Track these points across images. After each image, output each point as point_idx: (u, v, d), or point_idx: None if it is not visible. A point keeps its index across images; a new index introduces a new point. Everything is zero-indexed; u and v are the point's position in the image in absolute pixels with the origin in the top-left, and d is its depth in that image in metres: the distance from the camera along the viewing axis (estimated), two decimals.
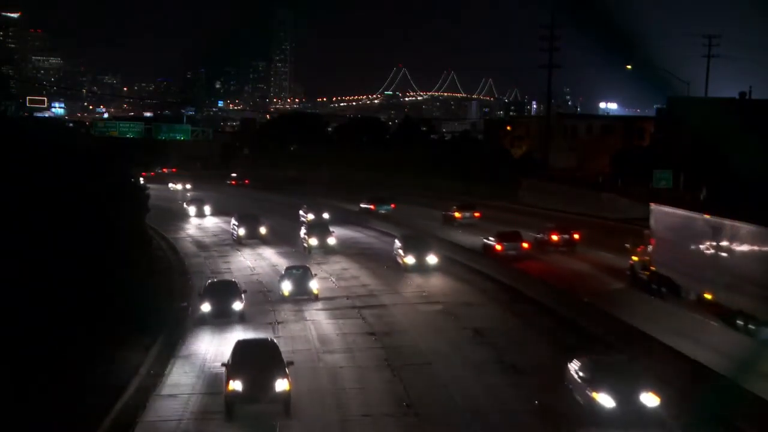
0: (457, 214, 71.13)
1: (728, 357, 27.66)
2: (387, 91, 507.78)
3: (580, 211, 74.77)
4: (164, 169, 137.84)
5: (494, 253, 51.47)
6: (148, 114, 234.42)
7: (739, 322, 32.32)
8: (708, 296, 35.68)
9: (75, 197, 33.77)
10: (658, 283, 40.00)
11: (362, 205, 80.00)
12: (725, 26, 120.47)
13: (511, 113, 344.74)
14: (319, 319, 38.01)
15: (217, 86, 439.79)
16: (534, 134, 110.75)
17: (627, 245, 44.94)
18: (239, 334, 35.69)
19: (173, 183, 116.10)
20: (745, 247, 33.76)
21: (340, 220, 70.64)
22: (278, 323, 37.33)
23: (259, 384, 24.80)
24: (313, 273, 44.40)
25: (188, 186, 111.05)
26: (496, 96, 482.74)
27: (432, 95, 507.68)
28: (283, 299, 41.95)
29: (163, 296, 42.04)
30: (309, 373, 29.17)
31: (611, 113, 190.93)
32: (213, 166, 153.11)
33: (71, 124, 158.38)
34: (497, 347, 32.25)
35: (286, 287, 42.86)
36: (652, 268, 41.11)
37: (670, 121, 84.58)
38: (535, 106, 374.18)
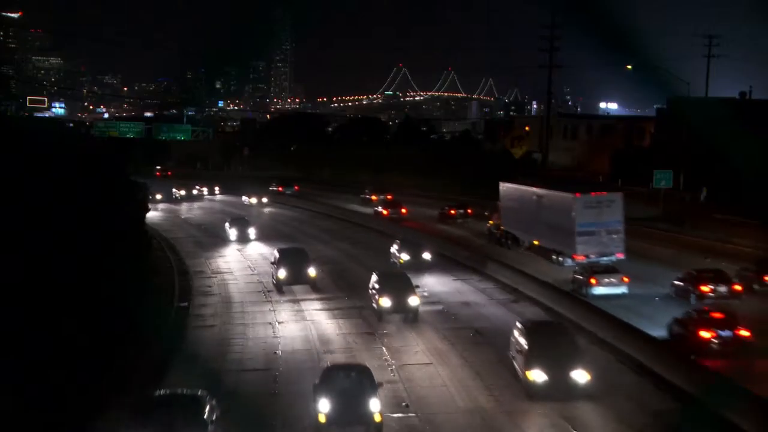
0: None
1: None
2: (387, 91, 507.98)
3: None
4: (167, 172, 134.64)
5: (383, 217, 74.73)
6: (148, 114, 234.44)
7: (553, 257, 50.34)
8: (535, 242, 53.97)
9: (75, 197, 33.77)
10: (505, 237, 58.19)
11: (270, 188, 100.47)
12: (725, 26, 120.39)
13: (511, 113, 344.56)
14: (319, 319, 38.03)
15: (217, 86, 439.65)
16: (534, 134, 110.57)
17: (486, 213, 65.46)
18: (239, 333, 35.81)
19: (248, 195, 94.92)
20: (554, 207, 50.84)
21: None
22: (278, 323, 37.35)
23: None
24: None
25: (265, 200, 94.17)
26: (496, 96, 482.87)
27: (432, 95, 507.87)
28: (282, 299, 42.00)
29: (163, 296, 42.15)
30: (309, 373, 29.19)
31: (611, 113, 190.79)
32: (213, 166, 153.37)
33: (71, 124, 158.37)
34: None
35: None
36: (502, 228, 59.00)
37: (670, 121, 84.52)
38: (535, 106, 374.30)
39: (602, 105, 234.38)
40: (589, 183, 61.56)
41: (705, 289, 38.28)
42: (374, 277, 38.35)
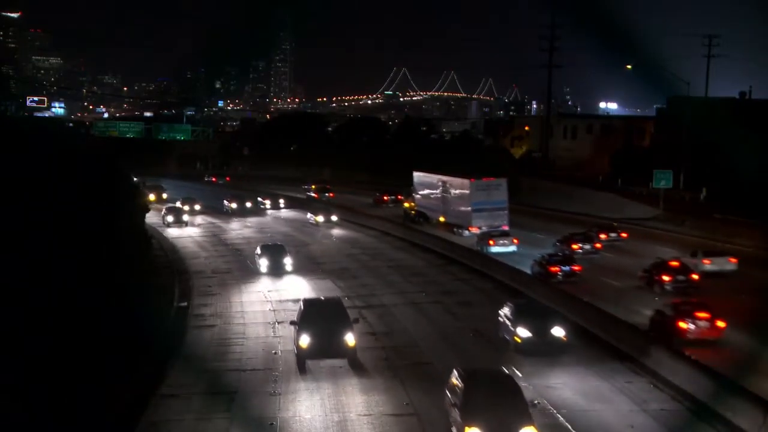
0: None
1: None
2: (387, 91, 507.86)
3: (580, 210, 74.86)
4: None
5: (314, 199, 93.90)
6: (148, 114, 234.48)
7: (455, 229, 64.52)
8: (441, 219, 69.25)
9: (74, 197, 33.76)
10: (419, 216, 73.23)
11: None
12: (725, 26, 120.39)
13: (511, 113, 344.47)
14: None
15: (217, 86, 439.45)
16: (534, 134, 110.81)
17: (400, 197, 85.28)
18: (238, 333, 35.78)
19: (313, 212, 77.28)
20: (455, 191, 66.71)
21: None
22: (278, 323, 37.32)
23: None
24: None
25: (334, 218, 75.11)
26: (496, 96, 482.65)
27: (432, 95, 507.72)
28: (283, 301, 41.97)
29: (163, 296, 42.10)
30: (309, 373, 29.22)
31: (611, 113, 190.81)
32: (214, 166, 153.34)
33: (71, 124, 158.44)
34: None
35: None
36: (416, 209, 74.89)
37: (670, 121, 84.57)
38: (535, 106, 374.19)
39: (602, 105, 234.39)
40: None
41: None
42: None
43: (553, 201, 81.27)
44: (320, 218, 74.57)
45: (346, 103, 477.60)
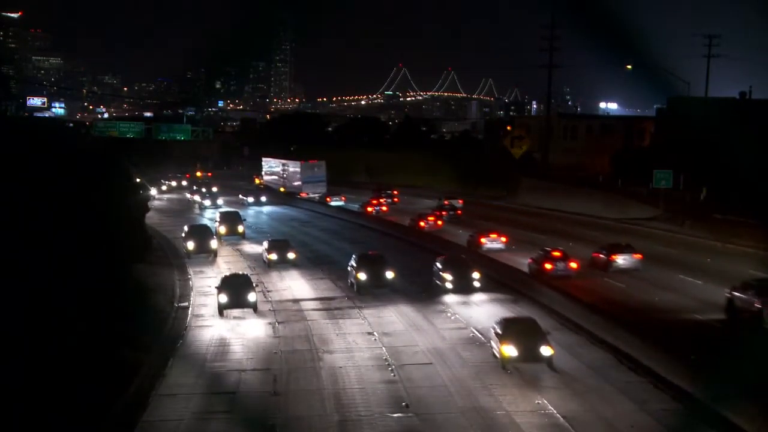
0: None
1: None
2: (387, 91, 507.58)
3: (579, 210, 74.87)
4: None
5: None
6: (148, 114, 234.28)
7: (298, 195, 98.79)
8: (282, 189, 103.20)
9: (74, 197, 33.77)
10: (265, 187, 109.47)
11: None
12: (725, 26, 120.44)
13: (511, 113, 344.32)
14: (319, 319, 38.01)
15: (217, 86, 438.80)
16: (534, 134, 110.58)
17: (255, 177, 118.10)
18: (238, 333, 35.77)
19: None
20: (291, 169, 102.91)
21: None
22: (278, 323, 37.33)
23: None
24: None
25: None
26: (496, 96, 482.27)
27: (432, 95, 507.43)
28: (282, 300, 42.00)
29: (163, 295, 42.09)
30: (309, 373, 29.22)
31: (611, 113, 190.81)
32: (214, 165, 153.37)
33: (71, 124, 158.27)
34: None
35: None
36: (264, 183, 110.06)
37: (670, 121, 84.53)
38: (535, 106, 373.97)
39: (602, 105, 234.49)
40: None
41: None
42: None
43: (553, 201, 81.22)
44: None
45: (346, 103, 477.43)
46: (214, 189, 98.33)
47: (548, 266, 45.38)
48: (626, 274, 45.82)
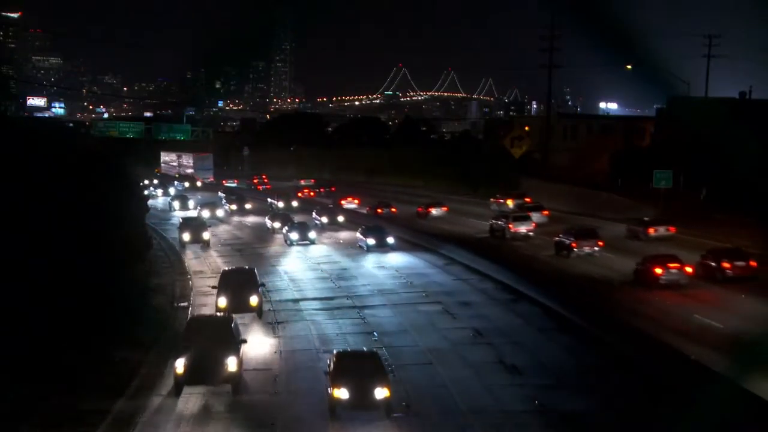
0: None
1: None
2: (387, 91, 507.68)
3: (579, 210, 74.84)
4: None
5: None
6: (148, 114, 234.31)
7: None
8: (177, 175, 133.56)
9: (75, 197, 33.77)
10: (163, 176, 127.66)
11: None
12: (725, 26, 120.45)
13: (511, 113, 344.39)
14: (319, 319, 38.01)
15: (217, 86, 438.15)
16: (534, 134, 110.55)
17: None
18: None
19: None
20: (185, 161, 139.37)
21: None
22: (278, 323, 37.32)
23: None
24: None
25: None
26: (496, 96, 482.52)
27: (432, 95, 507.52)
28: (285, 302, 42.05)
29: (163, 295, 42.11)
30: (309, 373, 29.21)
31: (611, 113, 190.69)
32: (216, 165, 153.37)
33: (71, 124, 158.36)
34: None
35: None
36: (161, 172, 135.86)
37: (670, 121, 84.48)
38: (535, 106, 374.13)
39: (602, 105, 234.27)
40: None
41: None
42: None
43: (553, 201, 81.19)
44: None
45: (346, 103, 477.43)
46: (296, 219, 66.14)
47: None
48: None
